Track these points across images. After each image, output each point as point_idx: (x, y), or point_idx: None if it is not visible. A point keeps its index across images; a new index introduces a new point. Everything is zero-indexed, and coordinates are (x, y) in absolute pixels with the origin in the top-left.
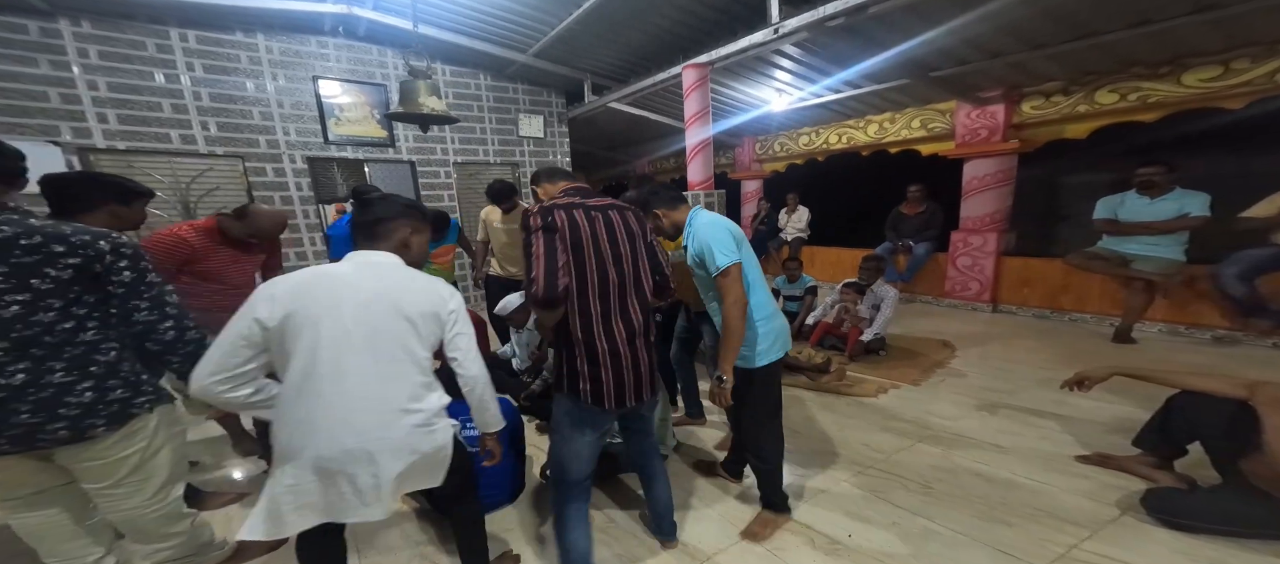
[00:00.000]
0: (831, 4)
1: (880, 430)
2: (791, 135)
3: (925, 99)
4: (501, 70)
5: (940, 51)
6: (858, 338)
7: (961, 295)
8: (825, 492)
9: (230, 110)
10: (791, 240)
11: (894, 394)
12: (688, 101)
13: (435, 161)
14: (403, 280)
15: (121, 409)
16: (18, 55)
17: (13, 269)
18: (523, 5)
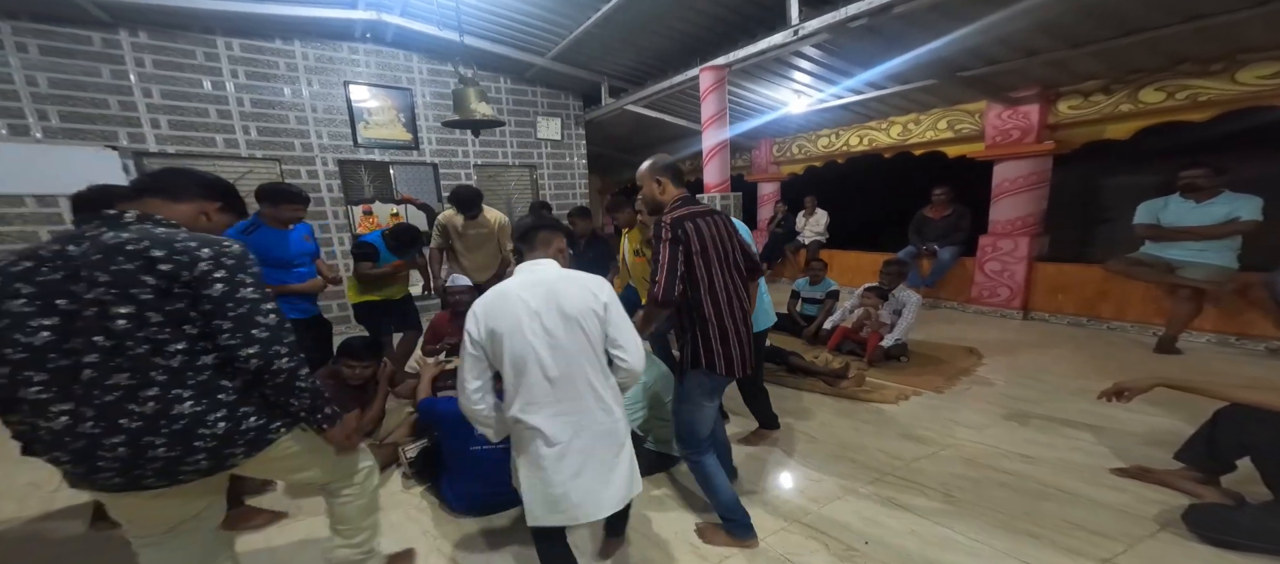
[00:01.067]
0: (854, 4)
1: (900, 437)
2: (810, 137)
3: (953, 99)
4: (521, 74)
5: (969, 51)
6: (878, 343)
7: (990, 301)
8: (841, 498)
9: (269, 115)
10: (809, 244)
11: (916, 401)
12: (705, 104)
13: (457, 164)
14: (561, 285)
15: (257, 436)
16: (83, 66)
17: (114, 277)
18: (542, 9)
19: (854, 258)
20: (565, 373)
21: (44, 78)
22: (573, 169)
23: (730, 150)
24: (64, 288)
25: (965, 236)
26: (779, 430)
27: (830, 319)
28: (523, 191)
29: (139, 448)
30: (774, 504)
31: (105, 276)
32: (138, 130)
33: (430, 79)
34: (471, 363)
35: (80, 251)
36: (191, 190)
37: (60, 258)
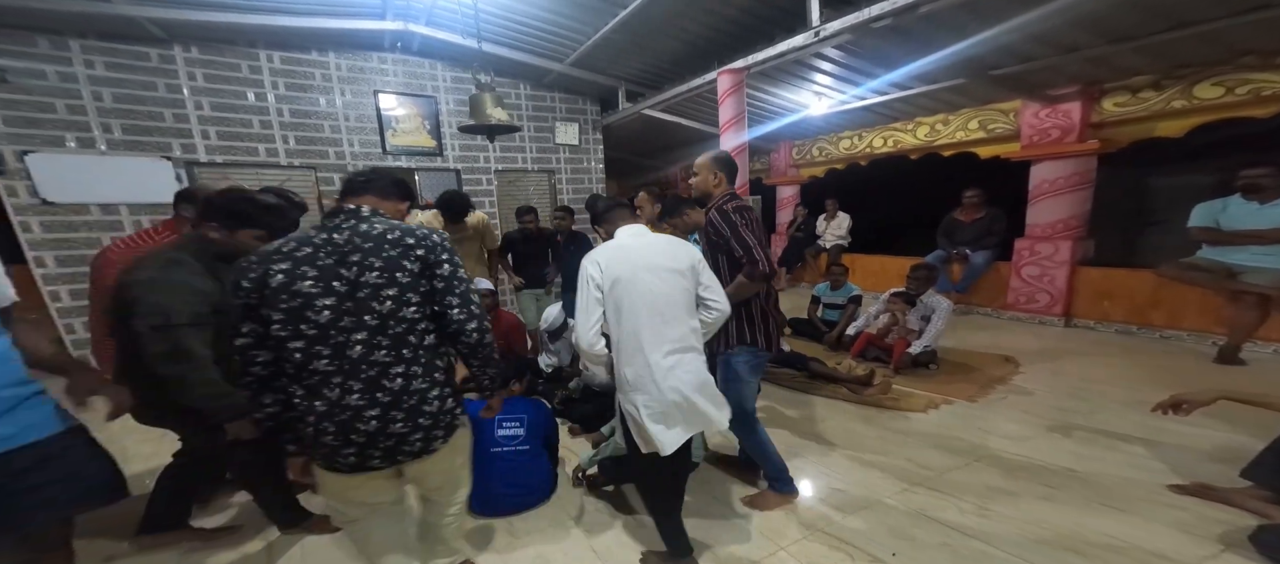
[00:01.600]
0: (877, 5)
1: (930, 447)
2: (831, 139)
3: (984, 99)
4: (540, 79)
5: (1002, 49)
6: (904, 350)
7: (1027, 308)
8: (867, 507)
9: (305, 125)
10: (830, 247)
11: (947, 410)
12: (722, 107)
13: (478, 169)
14: (662, 244)
15: (452, 420)
16: (142, 81)
17: (386, 263)
18: (561, 16)
19: (878, 262)
20: (671, 315)
21: (108, 93)
22: (590, 174)
23: (748, 153)
24: (336, 272)
25: (999, 240)
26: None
27: (853, 325)
28: (541, 196)
29: (385, 421)
30: (794, 511)
31: (379, 262)
32: (189, 141)
33: (454, 86)
34: (593, 305)
35: (344, 239)
36: (395, 191)
37: (329, 245)
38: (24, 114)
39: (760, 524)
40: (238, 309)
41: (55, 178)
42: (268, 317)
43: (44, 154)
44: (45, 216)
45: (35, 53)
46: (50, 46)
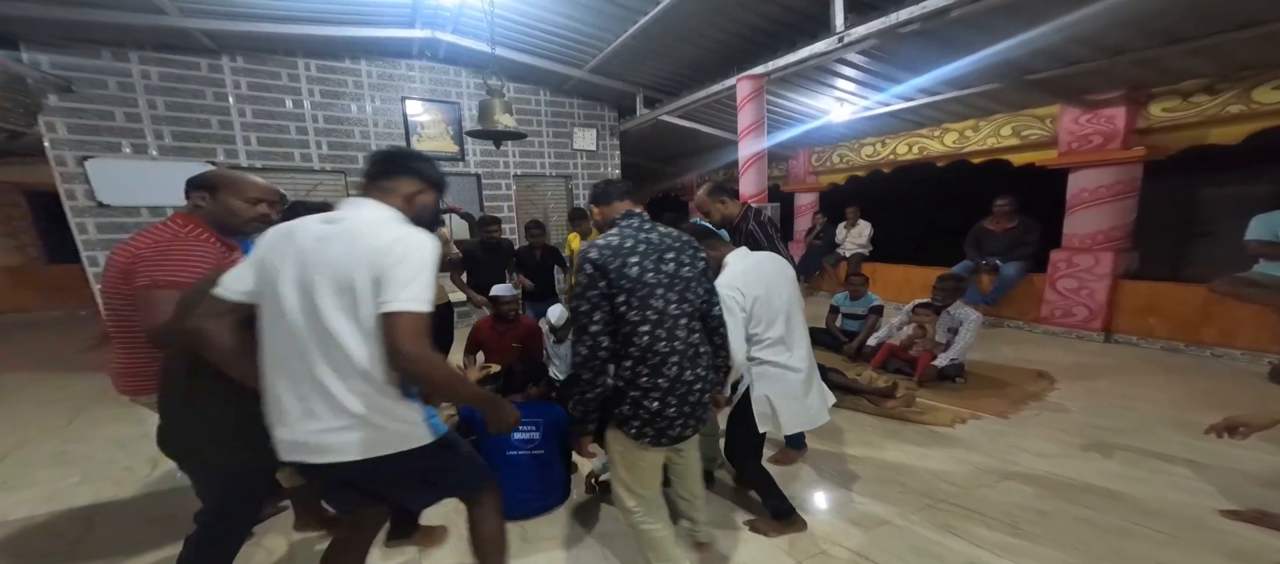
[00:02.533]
0: (905, 9)
1: (957, 463)
2: (852, 146)
3: (1018, 104)
4: (559, 86)
5: (1040, 52)
6: (929, 362)
7: (1063, 321)
8: (889, 523)
9: (337, 131)
10: (850, 256)
11: (975, 425)
12: (742, 113)
13: (498, 174)
14: (775, 259)
15: (710, 398)
16: (192, 89)
17: (690, 260)
18: (582, 23)
19: (902, 272)
20: (796, 320)
21: (162, 101)
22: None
23: (766, 160)
24: (659, 266)
25: (1033, 251)
26: (806, 452)
27: (875, 336)
28: (558, 201)
29: (701, 395)
30: (811, 526)
31: (686, 259)
32: (232, 146)
33: (476, 92)
34: (742, 319)
35: (658, 239)
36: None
37: (648, 243)
38: (86, 122)
39: (781, 538)
40: (594, 298)
41: (111, 182)
42: (620, 304)
43: (102, 160)
44: (100, 218)
45: (99, 64)
46: (112, 58)
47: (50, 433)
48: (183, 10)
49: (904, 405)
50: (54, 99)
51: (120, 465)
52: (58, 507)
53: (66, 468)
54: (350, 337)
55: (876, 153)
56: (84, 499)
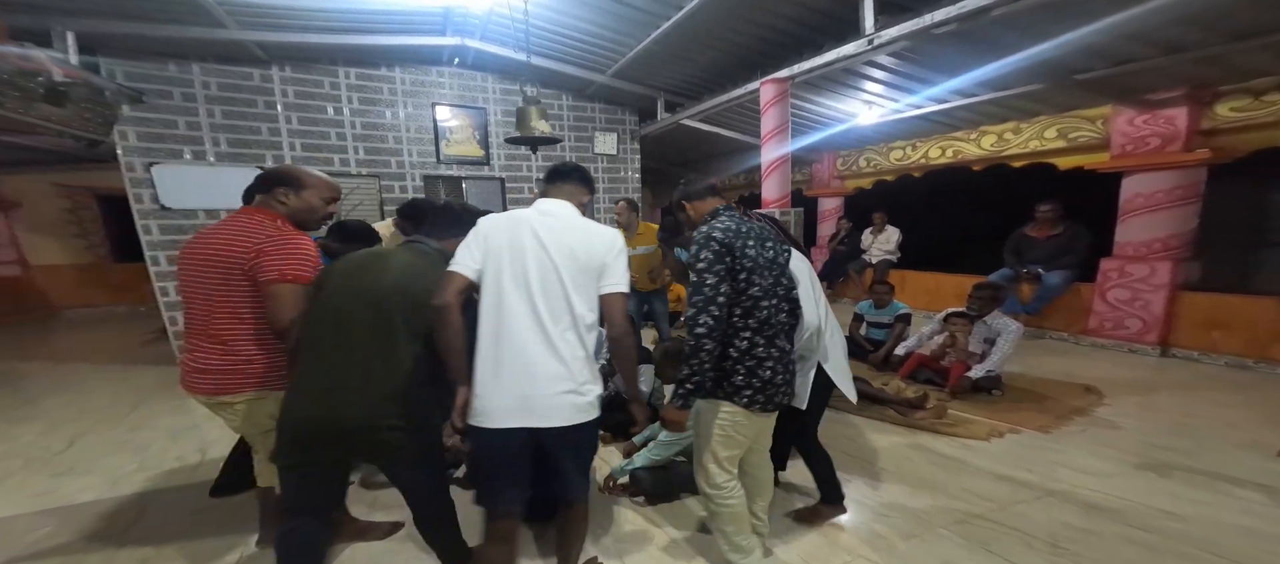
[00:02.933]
0: (941, 10)
1: (991, 478)
2: (880, 149)
3: (1066, 105)
4: (581, 91)
5: (1090, 51)
6: (963, 373)
7: (1113, 334)
8: (917, 535)
9: (373, 136)
10: (877, 263)
11: (1012, 439)
12: (765, 118)
13: (521, 178)
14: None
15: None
16: (245, 98)
17: (774, 247)
18: (605, 28)
19: (932, 280)
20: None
21: (219, 110)
22: (627, 183)
23: (790, 164)
24: (760, 251)
25: (1080, 259)
26: (845, 512)
27: (903, 345)
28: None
29: (792, 364)
30: (835, 535)
31: (772, 245)
32: (279, 152)
33: (502, 98)
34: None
35: (756, 228)
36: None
37: (750, 230)
38: (153, 130)
39: (803, 548)
40: (721, 272)
41: (173, 186)
42: (742, 281)
43: (165, 165)
44: (162, 221)
45: (167, 75)
46: (177, 70)
47: (114, 422)
48: (240, 23)
49: (935, 417)
50: (127, 109)
51: (172, 456)
52: (116, 493)
53: (126, 456)
54: (582, 309)
55: (906, 156)
56: (138, 486)
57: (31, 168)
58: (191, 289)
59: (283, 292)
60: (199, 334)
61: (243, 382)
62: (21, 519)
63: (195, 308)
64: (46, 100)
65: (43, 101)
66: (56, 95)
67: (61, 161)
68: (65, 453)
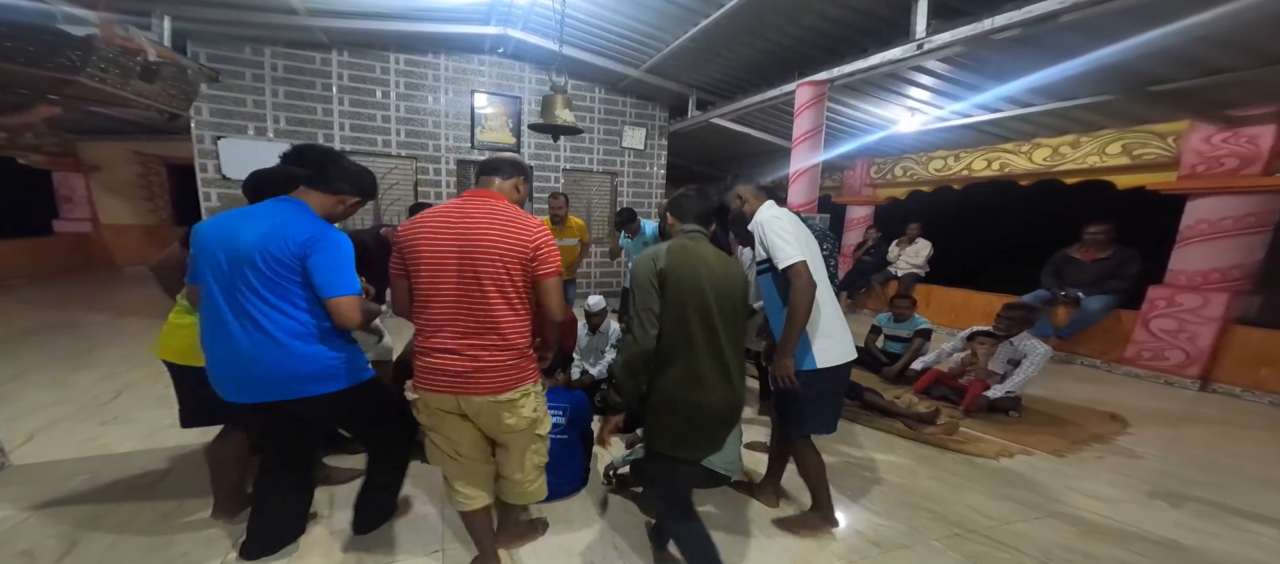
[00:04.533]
0: (1003, 14)
1: (994, 496)
2: (919, 158)
3: (1137, 119)
4: (614, 85)
5: (1172, 58)
6: (981, 391)
7: (1151, 364)
8: (908, 546)
9: (414, 120)
10: (902, 276)
11: (1023, 460)
12: (798, 120)
13: (548, 167)
14: None
15: None
16: (305, 80)
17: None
18: (643, 23)
19: (960, 296)
20: None
21: (282, 90)
22: (652, 179)
23: (820, 169)
24: (819, 248)
25: (1127, 286)
26: (836, 527)
27: (920, 360)
28: (602, 197)
29: None
30: (824, 546)
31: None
32: (330, 132)
33: (537, 88)
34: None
35: (810, 226)
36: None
37: (809, 227)
38: (224, 107)
39: (789, 551)
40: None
41: (235, 159)
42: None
43: (231, 139)
44: (222, 190)
45: (241, 58)
46: (251, 53)
47: (157, 377)
48: (309, 10)
49: (945, 433)
50: (205, 87)
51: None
52: (151, 445)
53: (165, 410)
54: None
55: (947, 167)
56: (172, 441)
57: (114, 136)
58: (459, 284)
59: (557, 285)
60: (469, 332)
61: (526, 375)
62: (66, 464)
63: (463, 304)
64: (141, 77)
65: (138, 79)
66: (149, 73)
67: (142, 132)
68: (112, 403)
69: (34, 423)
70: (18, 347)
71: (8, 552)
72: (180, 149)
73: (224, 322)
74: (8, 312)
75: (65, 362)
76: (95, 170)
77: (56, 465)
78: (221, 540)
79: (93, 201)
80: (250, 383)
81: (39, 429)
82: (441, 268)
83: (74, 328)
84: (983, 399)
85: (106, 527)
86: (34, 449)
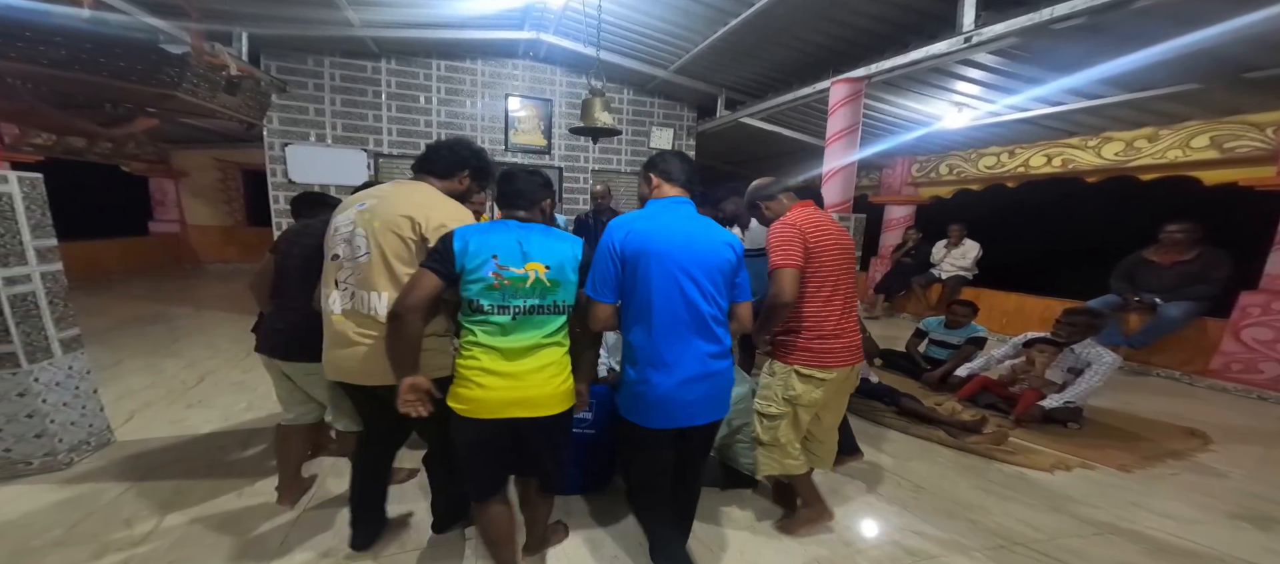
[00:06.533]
0: (1064, 3)
1: (1046, 509)
2: (967, 155)
3: (1228, 108)
4: (642, 86)
5: (1270, 43)
6: (1035, 401)
7: (1241, 378)
8: (946, 555)
9: (454, 124)
10: (948, 279)
11: (1083, 474)
12: (833, 118)
13: (578, 168)
14: None
15: None
16: (358, 88)
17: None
18: (671, 24)
19: (1014, 300)
20: None
21: (339, 99)
22: None
23: (856, 168)
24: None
25: (1213, 291)
26: (861, 456)
27: (967, 366)
28: (629, 196)
29: None
30: (856, 543)
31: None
32: (379, 137)
33: (567, 90)
34: None
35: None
36: None
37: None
38: (291, 116)
39: (808, 556)
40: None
41: (300, 164)
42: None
43: (296, 145)
44: (288, 192)
45: (305, 69)
46: (313, 64)
47: (235, 363)
48: (364, 22)
49: (991, 442)
50: (275, 97)
51: (273, 399)
52: (228, 425)
53: (241, 395)
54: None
55: (1000, 164)
56: (247, 423)
57: (199, 145)
58: (841, 275)
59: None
60: (847, 314)
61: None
62: (155, 443)
63: (840, 293)
64: (226, 91)
65: (223, 92)
66: (232, 86)
67: (222, 140)
68: (196, 388)
69: (133, 404)
70: (119, 334)
71: (113, 519)
72: (252, 156)
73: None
74: (110, 304)
75: (157, 350)
76: (184, 176)
77: (149, 443)
78: (284, 519)
79: (181, 204)
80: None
81: (138, 410)
82: (840, 264)
83: (163, 319)
84: (1037, 408)
85: (190, 501)
86: (133, 428)
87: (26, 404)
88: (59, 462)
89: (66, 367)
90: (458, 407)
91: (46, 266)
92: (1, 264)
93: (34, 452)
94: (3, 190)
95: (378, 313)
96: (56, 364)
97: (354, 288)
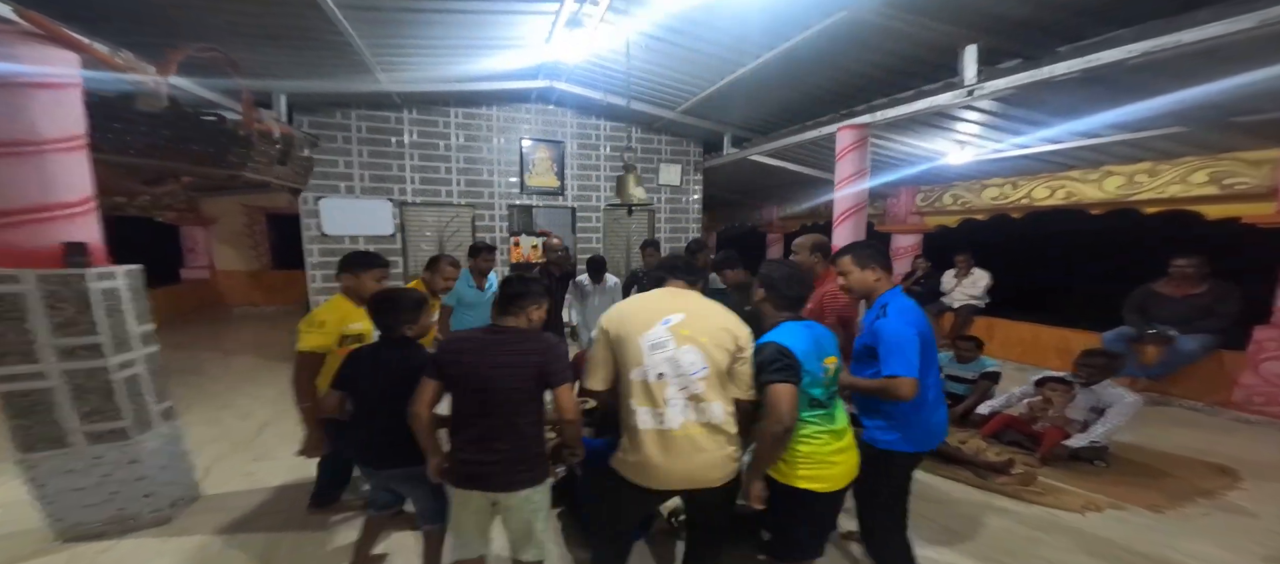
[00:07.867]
0: (1062, 64)
1: (1080, 551)
2: (971, 186)
3: (1221, 147)
4: (650, 125)
5: (1259, 95)
6: (1059, 439)
7: (1263, 410)
8: None
9: (472, 169)
10: (959, 308)
11: (1114, 515)
12: (841, 163)
13: (589, 207)
14: None
15: None
16: (382, 139)
17: None
18: (679, 72)
19: (1028, 331)
20: None
21: (366, 150)
22: (688, 212)
23: (866, 210)
24: None
25: (1224, 324)
26: None
27: (987, 404)
28: (639, 232)
29: None
30: None
31: None
32: (403, 185)
33: (578, 132)
34: None
35: None
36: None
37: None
38: (321, 168)
39: None
40: None
41: (332, 216)
42: None
43: (328, 199)
44: (321, 245)
45: (333, 123)
46: (341, 116)
47: (284, 414)
48: (388, 78)
49: (1020, 483)
50: (308, 152)
51: None
52: (293, 478)
53: (297, 446)
54: None
55: (1004, 195)
56: (309, 477)
57: (226, 192)
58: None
59: None
60: None
61: None
62: (235, 497)
63: None
64: (278, 161)
65: (277, 163)
66: (284, 157)
67: (247, 187)
68: (256, 440)
69: (205, 459)
70: (176, 386)
71: None
72: (276, 200)
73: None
74: (162, 355)
75: (213, 401)
76: (213, 223)
77: (229, 497)
78: None
79: (210, 251)
80: None
81: (210, 465)
82: None
83: (207, 368)
84: (1063, 447)
85: (279, 555)
86: (212, 482)
87: (136, 470)
88: (162, 516)
89: (165, 433)
90: (814, 486)
91: (148, 349)
92: (115, 352)
93: (142, 509)
94: (111, 286)
95: (718, 420)
96: (157, 433)
97: (684, 400)
